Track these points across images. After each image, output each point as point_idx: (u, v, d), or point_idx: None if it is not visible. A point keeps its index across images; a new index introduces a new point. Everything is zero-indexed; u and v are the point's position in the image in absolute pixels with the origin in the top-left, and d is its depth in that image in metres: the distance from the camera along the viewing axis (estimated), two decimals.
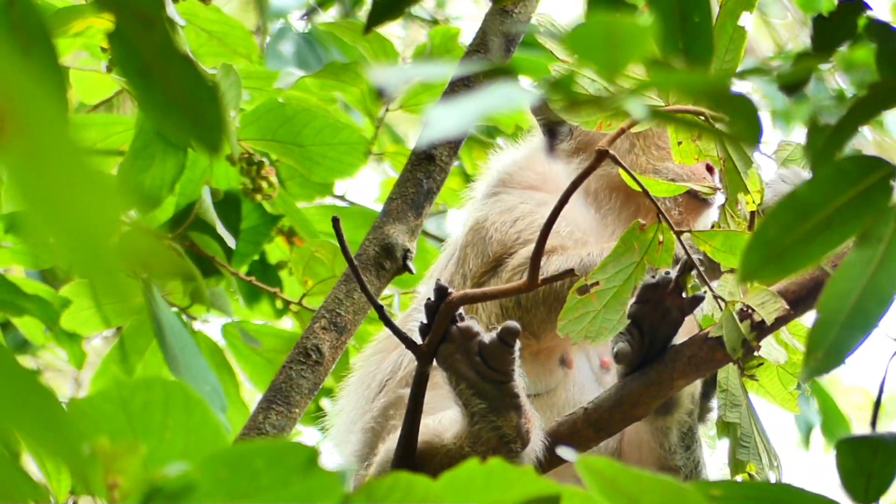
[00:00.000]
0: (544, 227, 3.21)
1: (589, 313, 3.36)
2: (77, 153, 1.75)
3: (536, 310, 3.73)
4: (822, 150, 2.21)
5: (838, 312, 2.24)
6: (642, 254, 3.36)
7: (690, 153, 3.39)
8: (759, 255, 2.26)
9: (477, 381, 3.39)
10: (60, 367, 6.54)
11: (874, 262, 2.25)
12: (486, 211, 3.93)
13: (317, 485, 2.11)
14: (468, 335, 3.36)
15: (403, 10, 2.31)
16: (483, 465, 2.17)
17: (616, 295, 3.36)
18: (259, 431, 3.63)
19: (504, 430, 3.41)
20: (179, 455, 2.21)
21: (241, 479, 2.09)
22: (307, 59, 5.89)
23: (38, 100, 1.70)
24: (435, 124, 1.98)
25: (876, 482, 2.40)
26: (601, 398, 3.47)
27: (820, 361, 2.23)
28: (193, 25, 4.77)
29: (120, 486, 2.11)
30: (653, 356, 3.45)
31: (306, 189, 5.09)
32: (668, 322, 3.43)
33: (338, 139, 4.86)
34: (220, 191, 4.80)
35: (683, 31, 2.31)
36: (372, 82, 2.05)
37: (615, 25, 1.96)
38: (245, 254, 4.91)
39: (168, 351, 4.43)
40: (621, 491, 2.19)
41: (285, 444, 2.12)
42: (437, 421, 3.50)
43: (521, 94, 2.04)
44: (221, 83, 4.53)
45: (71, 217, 1.75)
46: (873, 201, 2.25)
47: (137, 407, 2.23)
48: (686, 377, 3.43)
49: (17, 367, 1.97)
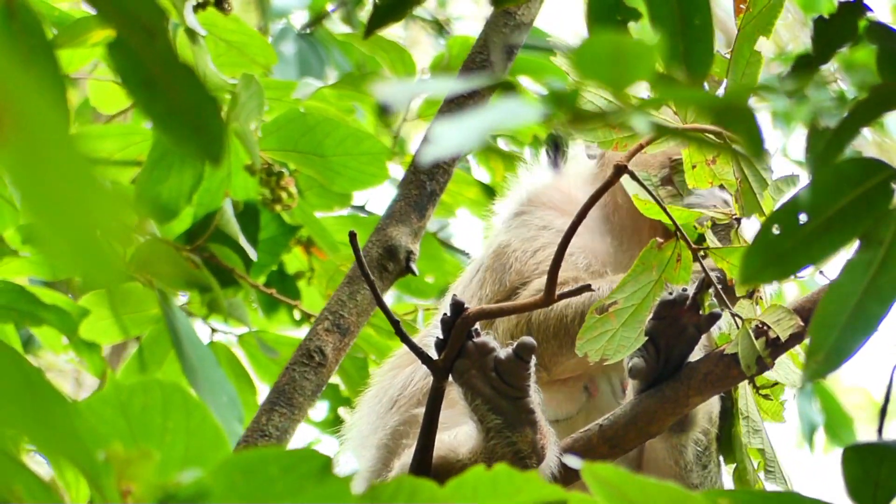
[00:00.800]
0: (560, 244, 3.21)
1: (607, 332, 3.37)
2: (78, 160, 1.76)
3: (548, 343, 3.74)
4: (823, 152, 2.20)
5: (839, 315, 2.24)
6: (660, 272, 3.36)
7: (705, 177, 3.39)
8: (760, 258, 2.26)
9: (492, 397, 3.39)
10: (62, 367, 6.57)
11: (875, 264, 2.24)
12: (510, 237, 3.94)
13: (331, 492, 2.11)
14: (484, 351, 3.36)
15: (405, 12, 2.31)
16: (489, 471, 2.18)
17: (634, 313, 3.37)
18: (262, 433, 3.63)
19: (519, 445, 3.41)
20: (179, 457, 2.22)
21: (255, 486, 2.10)
22: (309, 61, 5.89)
23: (39, 107, 1.71)
24: (438, 141, 1.98)
25: (883, 491, 2.39)
26: (616, 415, 3.47)
27: (821, 364, 2.23)
28: (213, 35, 4.78)
29: (133, 493, 2.11)
30: (668, 373, 3.44)
31: (325, 199, 5.09)
32: (684, 339, 3.41)
33: (360, 150, 4.86)
34: (239, 202, 4.81)
35: (684, 35, 2.31)
36: (376, 98, 2.05)
37: (621, 43, 1.96)
38: (264, 264, 4.91)
39: (185, 361, 4.45)
40: (627, 498, 2.20)
41: (299, 452, 2.12)
42: (452, 436, 3.50)
43: (525, 109, 2.04)
44: (242, 94, 4.54)
45: (71, 224, 1.76)
46: (874, 204, 2.25)
47: (136, 410, 2.24)
48: (701, 394, 3.42)
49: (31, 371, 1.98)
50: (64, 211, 1.70)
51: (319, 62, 5.88)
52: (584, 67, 1.97)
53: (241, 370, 4.95)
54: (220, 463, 2.11)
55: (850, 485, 2.39)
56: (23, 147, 1.71)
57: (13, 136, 1.70)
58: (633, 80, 1.98)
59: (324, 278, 5.00)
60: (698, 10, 2.34)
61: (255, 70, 4.77)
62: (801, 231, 2.25)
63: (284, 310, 5.06)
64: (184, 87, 2.24)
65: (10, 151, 1.70)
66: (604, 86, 2.00)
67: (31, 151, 1.71)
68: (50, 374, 6.58)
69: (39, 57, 2.21)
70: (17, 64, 2.16)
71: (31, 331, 4.74)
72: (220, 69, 4.69)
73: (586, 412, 3.77)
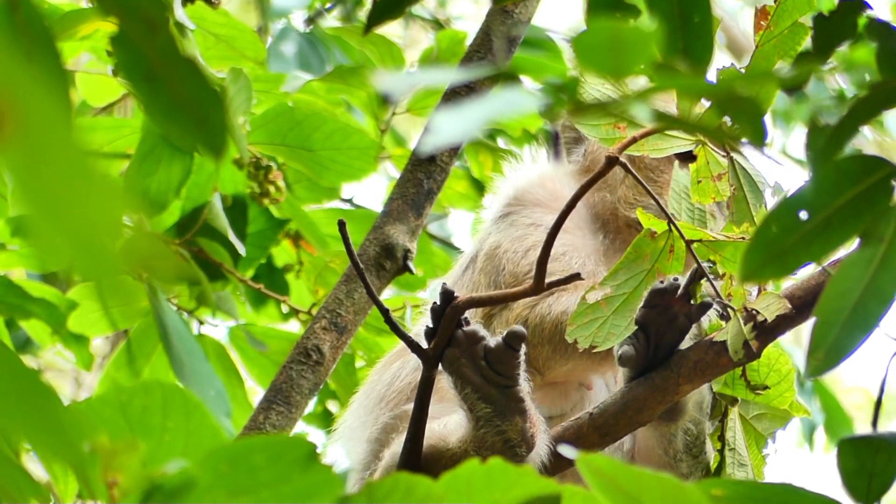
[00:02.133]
0: (549, 233, 3.21)
1: (598, 319, 3.37)
2: (79, 154, 1.75)
3: (542, 347, 3.74)
4: (823, 149, 2.21)
5: (839, 312, 2.25)
6: (653, 261, 3.36)
7: (708, 192, 3.40)
8: (761, 255, 2.26)
9: (482, 386, 3.39)
10: (61, 366, 6.55)
11: (875, 261, 2.25)
12: (500, 237, 3.94)
13: (316, 480, 2.11)
14: (474, 339, 3.36)
15: (404, 9, 2.31)
16: (484, 465, 2.18)
17: (626, 301, 3.38)
18: (259, 431, 3.63)
19: (509, 434, 3.41)
20: (179, 458, 2.21)
21: (241, 475, 2.09)
22: (309, 60, 5.88)
23: (41, 101, 1.71)
24: (438, 130, 1.98)
25: (877, 482, 2.40)
26: (606, 403, 3.47)
27: (821, 361, 2.23)
28: (201, 29, 4.77)
29: (119, 484, 2.11)
30: (658, 362, 3.45)
31: (313, 192, 5.10)
32: (674, 328, 3.42)
33: (347, 143, 4.86)
34: (227, 196, 4.81)
35: (684, 32, 2.32)
36: (377, 88, 2.06)
37: (620, 31, 1.96)
38: (252, 258, 4.91)
39: (173, 355, 4.45)
40: (622, 489, 2.20)
41: (285, 440, 2.12)
42: (442, 425, 3.50)
43: (526, 99, 2.04)
44: (231, 87, 4.54)
45: (72, 218, 1.76)
46: (874, 201, 2.25)
47: (136, 411, 2.23)
48: (692, 382, 3.43)
49: (21, 367, 1.98)
50: (62, 204, 1.70)
51: (320, 61, 5.87)
52: (584, 56, 1.98)
53: (230, 364, 4.95)
54: (205, 453, 2.11)
55: (846, 477, 2.40)
56: (24, 141, 1.70)
57: (14, 131, 1.70)
58: (632, 67, 1.99)
59: (312, 273, 5.00)
60: (697, 8, 2.35)
61: (244, 64, 4.76)
62: (802, 228, 2.26)
63: (273, 303, 5.06)
64: (186, 80, 2.24)
65: (11, 145, 1.70)
66: (604, 74, 2.01)
67: (33, 145, 1.71)
68: (49, 374, 6.58)
69: (41, 50, 2.21)
70: (20, 57, 2.15)
71: (24, 327, 4.73)
72: (209, 63, 4.69)
73: (581, 407, 3.77)
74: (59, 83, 2.23)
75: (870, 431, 2.52)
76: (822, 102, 2.15)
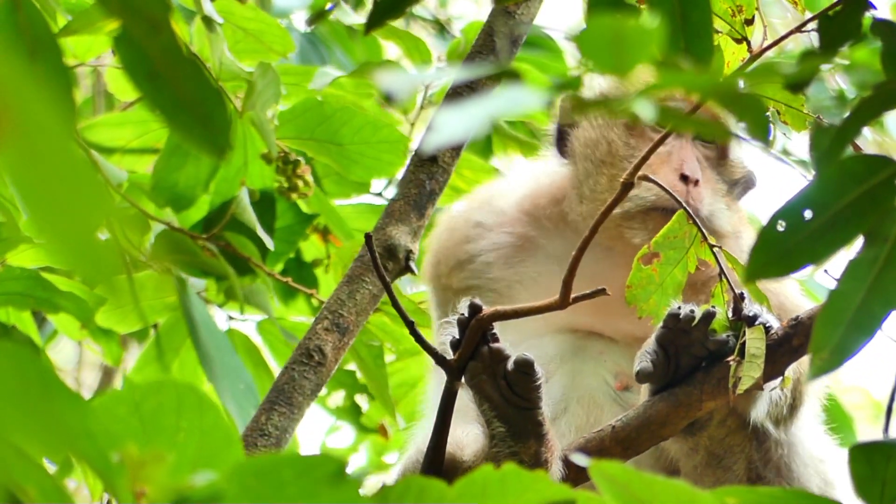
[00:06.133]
0: (576, 254, 3.21)
1: (650, 288, 3.36)
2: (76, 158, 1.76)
3: None
4: (828, 149, 2.19)
5: (844, 312, 2.23)
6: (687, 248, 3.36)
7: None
8: (765, 255, 2.25)
9: (500, 404, 3.38)
10: (61, 366, 6.57)
11: (879, 261, 2.24)
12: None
13: (344, 497, 2.11)
14: (498, 358, 3.36)
15: (404, 9, 2.31)
16: (498, 470, 2.18)
17: (672, 276, 3.36)
18: (262, 432, 3.63)
19: (521, 455, 3.40)
20: (192, 457, 2.22)
21: (268, 490, 2.10)
22: (310, 59, 5.87)
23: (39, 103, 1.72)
24: (441, 129, 1.98)
25: (890, 489, 2.38)
26: (629, 416, 3.46)
27: (825, 361, 2.22)
28: (230, 23, 4.77)
29: (147, 495, 2.11)
30: (680, 379, 3.43)
31: (342, 187, 5.09)
32: (690, 353, 3.40)
33: (377, 138, 4.85)
34: (255, 191, 4.81)
35: (684, 31, 2.31)
36: (380, 87, 2.05)
37: (622, 27, 1.95)
38: (280, 253, 4.91)
39: (201, 349, 4.46)
40: (635, 496, 2.20)
41: (313, 457, 2.13)
42: (464, 434, 3.50)
43: (529, 97, 2.04)
44: (258, 82, 4.54)
45: (67, 219, 1.77)
46: (878, 201, 2.24)
47: (150, 409, 2.23)
48: (715, 399, 3.42)
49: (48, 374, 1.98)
50: (61, 209, 1.71)
51: (321, 61, 5.86)
52: (588, 52, 1.97)
53: (259, 358, 4.95)
54: (233, 466, 2.12)
55: (858, 483, 2.38)
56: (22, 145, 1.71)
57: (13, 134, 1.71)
58: (635, 64, 1.98)
59: (339, 266, 4.99)
60: (696, 7, 2.34)
61: (271, 58, 4.76)
62: (806, 228, 2.25)
63: (302, 298, 5.06)
64: (189, 79, 2.25)
65: (10, 149, 1.71)
66: (607, 70, 2.00)
67: (31, 149, 1.71)
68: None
69: (44, 49, 2.22)
70: (21, 57, 2.17)
71: (49, 318, 4.75)
72: (237, 57, 4.69)
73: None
74: (62, 82, 2.24)
75: (881, 437, 2.50)
76: (823, 103, 2.13)
